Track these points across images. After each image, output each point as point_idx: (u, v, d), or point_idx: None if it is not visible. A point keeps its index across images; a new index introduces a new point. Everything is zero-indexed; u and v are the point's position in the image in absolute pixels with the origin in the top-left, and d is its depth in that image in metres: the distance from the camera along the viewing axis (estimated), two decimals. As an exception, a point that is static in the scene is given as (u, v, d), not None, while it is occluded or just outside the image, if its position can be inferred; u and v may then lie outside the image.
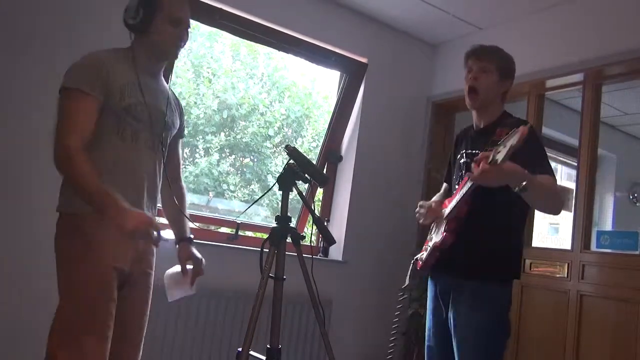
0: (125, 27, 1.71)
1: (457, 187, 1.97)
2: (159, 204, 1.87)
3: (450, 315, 1.90)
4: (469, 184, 1.77)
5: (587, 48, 3.07)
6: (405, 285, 2.23)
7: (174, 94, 1.93)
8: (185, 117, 2.01)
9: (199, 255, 1.88)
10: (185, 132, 2.00)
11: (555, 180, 1.80)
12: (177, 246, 1.89)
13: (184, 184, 1.98)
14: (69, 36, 2.71)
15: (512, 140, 1.51)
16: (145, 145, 1.69)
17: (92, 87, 1.58)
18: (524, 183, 1.58)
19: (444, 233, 1.88)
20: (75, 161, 1.51)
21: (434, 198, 2.19)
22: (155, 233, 1.52)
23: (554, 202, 1.80)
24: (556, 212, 1.86)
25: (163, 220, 1.98)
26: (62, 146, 1.52)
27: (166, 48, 1.73)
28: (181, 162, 1.98)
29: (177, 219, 1.91)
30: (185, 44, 1.77)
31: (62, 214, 1.65)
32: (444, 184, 2.24)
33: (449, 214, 1.89)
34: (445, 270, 1.95)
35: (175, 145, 1.93)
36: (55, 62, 1.93)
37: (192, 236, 1.91)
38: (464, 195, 1.81)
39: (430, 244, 1.98)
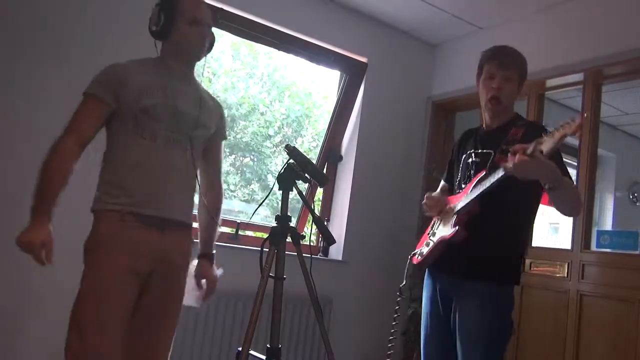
0: (151, 36, 1.78)
1: (464, 186, 1.96)
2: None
3: (453, 315, 1.88)
4: (494, 178, 1.73)
5: (587, 48, 3.07)
6: (403, 284, 2.22)
7: (213, 97, 1.94)
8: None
9: (215, 273, 1.88)
10: (227, 133, 2.00)
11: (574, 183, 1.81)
12: (197, 260, 1.88)
13: (222, 190, 1.96)
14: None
15: (564, 130, 1.50)
16: (165, 142, 1.71)
17: (103, 93, 1.67)
18: (555, 182, 1.64)
19: (456, 227, 1.84)
20: (55, 157, 1.61)
21: (435, 193, 2.16)
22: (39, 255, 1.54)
23: (577, 204, 1.86)
24: (577, 213, 2.02)
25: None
26: (57, 140, 1.64)
27: (190, 48, 1.78)
28: (221, 165, 1.97)
29: (207, 227, 1.91)
30: (209, 42, 1.83)
31: (94, 210, 1.70)
32: (442, 183, 2.23)
33: (460, 209, 1.86)
34: (446, 269, 1.93)
35: (215, 148, 1.93)
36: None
37: (214, 252, 1.91)
38: (485, 189, 1.76)
39: (434, 238, 1.96)
